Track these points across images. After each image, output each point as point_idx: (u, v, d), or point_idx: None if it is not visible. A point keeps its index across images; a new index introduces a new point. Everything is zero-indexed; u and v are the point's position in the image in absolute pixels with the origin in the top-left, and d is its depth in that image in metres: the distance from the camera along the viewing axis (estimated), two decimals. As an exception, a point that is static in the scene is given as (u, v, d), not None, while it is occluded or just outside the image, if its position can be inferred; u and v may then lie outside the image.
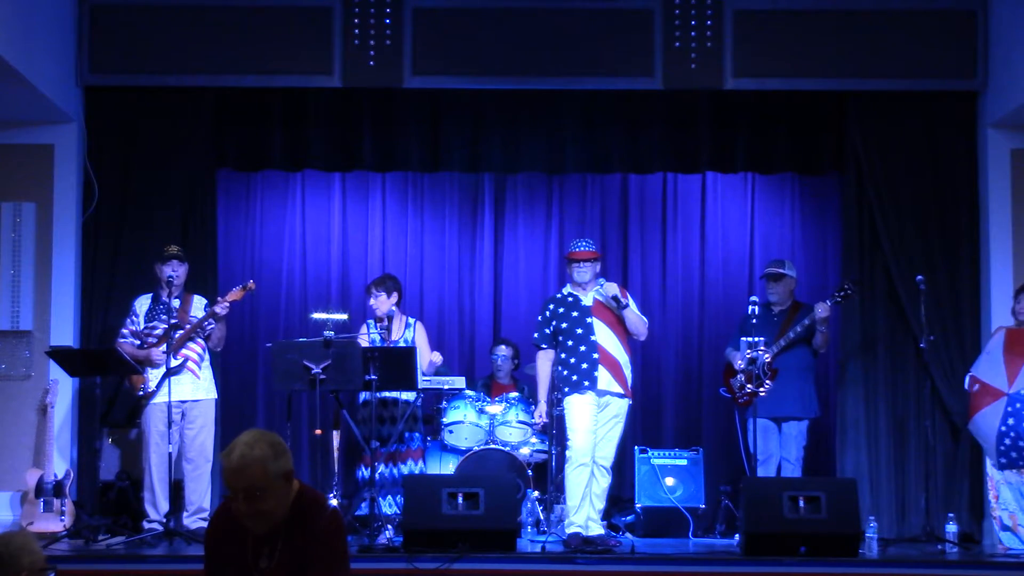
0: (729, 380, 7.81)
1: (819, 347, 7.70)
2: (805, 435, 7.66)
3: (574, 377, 6.90)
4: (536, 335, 7.17)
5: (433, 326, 8.77)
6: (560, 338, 7.03)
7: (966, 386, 7.30)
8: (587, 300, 7.01)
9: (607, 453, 6.90)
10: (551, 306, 7.12)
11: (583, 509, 6.80)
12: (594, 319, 6.95)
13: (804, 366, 7.68)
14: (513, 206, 9.09)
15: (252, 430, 3.57)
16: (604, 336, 6.92)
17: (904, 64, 7.90)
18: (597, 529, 6.83)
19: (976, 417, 7.14)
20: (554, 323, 7.05)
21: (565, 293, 7.13)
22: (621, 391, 6.91)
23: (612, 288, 6.98)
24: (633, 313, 7.00)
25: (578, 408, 6.86)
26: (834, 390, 8.26)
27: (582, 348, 6.91)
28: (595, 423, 6.86)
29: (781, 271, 7.86)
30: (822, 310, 7.51)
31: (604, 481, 6.88)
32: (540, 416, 7.30)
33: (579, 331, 6.95)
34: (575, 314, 6.99)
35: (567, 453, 6.92)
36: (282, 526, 3.56)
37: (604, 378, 6.86)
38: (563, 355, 7.00)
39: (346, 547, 3.69)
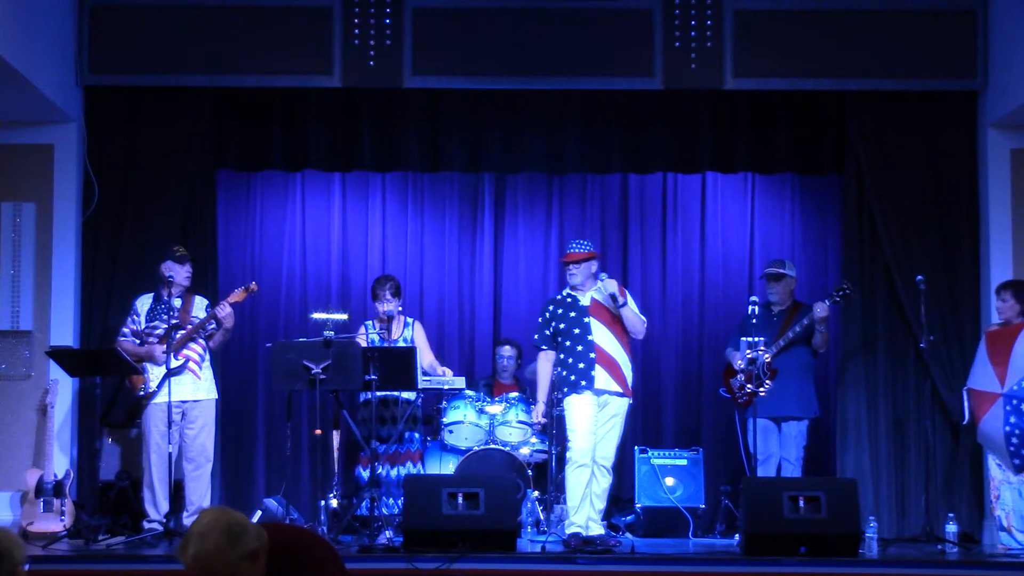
0: (729, 380, 7.81)
1: (818, 347, 7.71)
2: (805, 435, 7.66)
3: (572, 377, 6.90)
4: (536, 336, 7.17)
5: (433, 326, 8.76)
6: (559, 339, 7.03)
7: (964, 401, 7.29)
8: (584, 300, 7.01)
9: (607, 453, 6.90)
10: (550, 307, 7.13)
11: (583, 509, 6.80)
12: (591, 319, 6.95)
13: (804, 366, 7.68)
14: (513, 206, 9.07)
15: (207, 511, 3.27)
16: (601, 336, 6.92)
17: (904, 64, 7.90)
18: (597, 529, 6.83)
19: (981, 426, 7.11)
20: (553, 324, 7.05)
21: (564, 294, 7.13)
22: (620, 390, 6.91)
23: (612, 285, 6.96)
24: (631, 312, 6.99)
25: (577, 408, 6.87)
26: (834, 390, 8.25)
27: (579, 348, 6.92)
28: (595, 423, 6.86)
29: (781, 271, 7.86)
30: (820, 310, 7.52)
31: (604, 481, 6.88)
32: (538, 417, 7.31)
33: (576, 331, 6.95)
34: (572, 314, 6.99)
35: (567, 453, 6.92)
36: None
37: (602, 377, 6.86)
38: (562, 355, 7.01)
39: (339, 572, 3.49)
